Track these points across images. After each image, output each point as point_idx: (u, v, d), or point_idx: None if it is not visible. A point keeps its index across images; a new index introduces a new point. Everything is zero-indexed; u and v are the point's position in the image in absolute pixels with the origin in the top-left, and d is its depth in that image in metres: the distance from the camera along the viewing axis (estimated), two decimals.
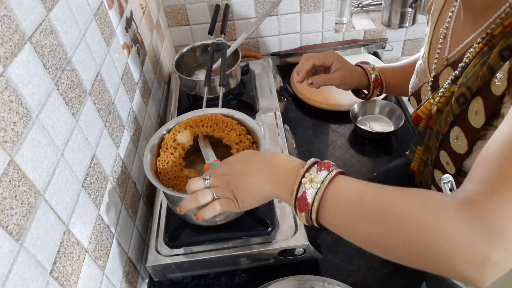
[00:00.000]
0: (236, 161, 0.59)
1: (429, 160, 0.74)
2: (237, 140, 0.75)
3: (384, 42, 1.33)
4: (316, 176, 0.50)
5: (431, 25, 0.75)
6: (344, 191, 0.49)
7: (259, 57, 1.29)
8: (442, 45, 0.71)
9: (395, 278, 0.74)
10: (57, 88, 0.54)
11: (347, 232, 0.49)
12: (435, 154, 0.70)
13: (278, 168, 0.54)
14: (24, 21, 0.48)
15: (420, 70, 0.77)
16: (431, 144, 0.72)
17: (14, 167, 0.43)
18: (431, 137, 0.72)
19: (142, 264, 0.79)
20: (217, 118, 0.77)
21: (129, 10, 0.90)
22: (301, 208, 0.51)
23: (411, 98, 0.79)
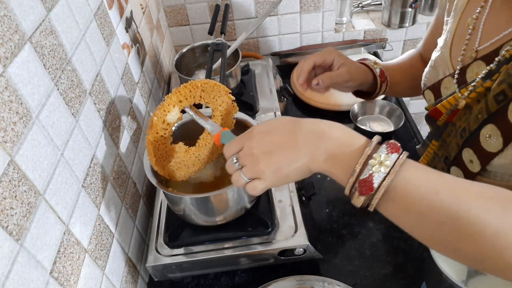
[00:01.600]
0: (271, 130, 0.51)
1: (444, 157, 0.72)
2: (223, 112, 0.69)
3: (384, 42, 1.33)
4: (387, 159, 0.43)
5: (455, 15, 0.70)
6: (415, 181, 0.43)
7: (259, 57, 1.29)
8: (471, 36, 0.66)
9: (395, 278, 0.74)
10: (57, 88, 0.54)
11: (409, 226, 0.45)
12: (455, 151, 0.67)
13: (334, 142, 0.47)
14: (24, 21, 0.48)
15: (440, 62, 0.72)
16: (451, 140, 0.69)
17: (14, 167, 0.43)
18: (452, 133, 0.68)
19: (142, 264, 0.79)
20: (205, 85, 0.66)
21: (129, 10, 0.90)
22: (363, 191, 0.44)
23: (426, 91, 0.75)
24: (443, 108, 0.69)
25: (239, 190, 0.70)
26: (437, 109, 0.70)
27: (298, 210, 0.75)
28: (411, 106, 1.65)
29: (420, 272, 0.74)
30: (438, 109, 0.70)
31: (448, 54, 0.70)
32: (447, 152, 0.71)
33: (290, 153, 0.48)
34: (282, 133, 0.49)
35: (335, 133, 0.48)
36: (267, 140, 0.50)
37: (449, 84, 0.69)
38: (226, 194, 0.69)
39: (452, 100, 0.66)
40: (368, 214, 0.85)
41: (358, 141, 0.47)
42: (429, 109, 0.73)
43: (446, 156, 0.71)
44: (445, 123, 0.71)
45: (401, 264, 0.76)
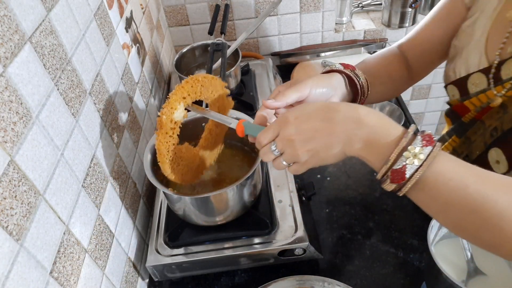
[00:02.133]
0: (308, 117, 0.51)
1: (464, 154, 0.70)
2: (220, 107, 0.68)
3: (384, 42, 1.34)
4: (421, 152, 0.45)
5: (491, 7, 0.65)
6: (446, 174, 0.45)
7: (259, 57, 1.29)
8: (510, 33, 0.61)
9: (395, 278, 0.74)
10: (57, 88, 0.54)
11: (434, 212, 0.48)
12: (480, 149, 0.65)
13: (371, 129, 0.48)
14: (24, 21, 0.48)
15: (472, 54, 0.68)
16: (476, 139, 0.67)
17: (14, 167, 0.43)
18: (480, 132, 0.66)
19: (142, 264, 0.79)
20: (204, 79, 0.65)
21: (129, 10, 0.90)
22: (395, 180, 0.46)
23: (450, 86, 0.71)
24: (471, 105, 0.67)
25: (239, 190, 0.70)
26: (464, 105, 0.67)
27: (298, 210, 0.75)
28: (411, 106, 1.65)
29: (420, 272, 0.74)
30: (465, 105, 0.67)
31: (484, 48, 0.65)
32: (469, 150, 0.69)
33: (328, 139, 0.50)
34: (320, 120, 0.50)
35: (372, 120, 0.49)
36: (305, 127, 0.50)
37: (478, 80, 0.65)
38: (226, 194, 0.69)
39: (483, 98, 0.64)
40: (368, 214, 0.85)
41: (394, 131, 0.48)
42: (453, 104, 0.70)
43: (467, 154, 0.69)
44: (471, 120, 0.68)
45: (401, 264, 0.76)
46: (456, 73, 0.70)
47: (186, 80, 0.64)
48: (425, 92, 1.60)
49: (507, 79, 0.61)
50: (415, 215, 0.84)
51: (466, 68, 0.68)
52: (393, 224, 0.83)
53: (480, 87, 0.65)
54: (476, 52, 0.66)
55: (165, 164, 0.64)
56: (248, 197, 0.73)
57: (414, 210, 0.85)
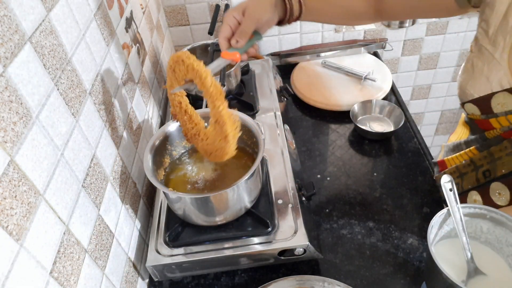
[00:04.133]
0: None
1: (484, 168, 0.69)
2: None
3: (384, 42, 1.33)
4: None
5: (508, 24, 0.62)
6: None
7: (259, 57, 1.29)
8: None
9: (395, 278, 0.74)
10: (57, 88, 0.54)
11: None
12: (507, 169, 0.65)
13: None
14: (24, 21, 0.48)
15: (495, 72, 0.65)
16: (501, 156, 0.66)
17: (14, 167, 0.43)
18: (505, 151, 0.65)
19: (142, 264, 0.79)
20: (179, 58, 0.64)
21: (129, 10, 0.90)
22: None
23: (468, 105, 0.70)
24: (497, 124, 0.66)
25: (239, 190, 0.70)
26: (489, 122, 0.67)
27: (298, 210, 0.75)
28: (411, 106, 1.65)
29: (420, 272, 0.74)
30: (490, 122, 0.66)
31: (507, 64, 0.63)
32: (491, 166, 0.68)
33: None
34: None
35: None
36: None
37: (506, 100, 0.64)
38: (226, 194, 0.69)
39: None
40: (368, 214, 0.85)
41: None
42: (475, 119, 0.69)
43: (488, 169, 0.68)
44: (496, 137, 0.68)
45: (401, 264, 0.76)
46: (475, 92, 0.68)
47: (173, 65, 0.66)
48: (425, 92, 1.61)
49: None
50: (415, 215, 0.84)
51: (489, 87, 0.66)
52: (393, 224, 0.83)
53: (508, 107, 0.64)
54: (498, 70, 0.65)
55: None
56: (248, 197, 0.73)
57: (414, 210, 0.85)
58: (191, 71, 0.62)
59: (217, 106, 0.61)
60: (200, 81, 0.61)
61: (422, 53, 1.46)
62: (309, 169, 0.97)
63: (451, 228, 0.69)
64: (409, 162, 0.96)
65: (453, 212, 0.65)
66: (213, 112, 0.63)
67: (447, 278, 0.57)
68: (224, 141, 0.64)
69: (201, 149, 0.72)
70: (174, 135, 0.81)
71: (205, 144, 0.70)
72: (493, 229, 0.67)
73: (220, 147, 0.66)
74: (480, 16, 0.68)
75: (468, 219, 0.68)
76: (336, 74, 1.24)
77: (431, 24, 1.37)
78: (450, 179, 0.68)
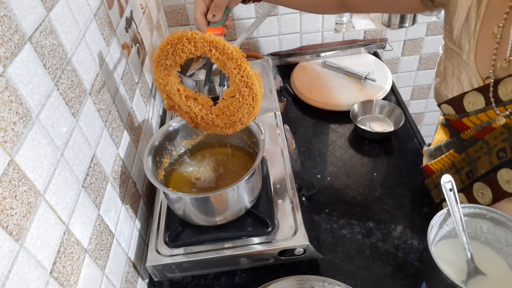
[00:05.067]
0: None
1: (466, 170, 0.70)
2: None
3: (384, 42, 1.33)
4: None
5: (475, 20, 0.64)
6: None
7: (259, 57, 1.29)
8: (499, 45, 0.61)
9: (395, 278, 0.74)
10: (57, 88, 0.54)
11: None
12: (486, 168, 0.66)
13: None
14: (24, 21, 0.48)
15: (464, 73, 0.67)
16: (479, 156, 0.67)
17: (14, 167, 0.43)
18: (482, 150, 0.66)
19: (142, 264, 0.79)
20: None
21: (129, 10, 0.90)
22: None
23: (444, 106, 0.72)
24: (470, 123, 0.67)
25: (239, 190, 0.70)
26: (462, 122, 0.68)
27: (298, 210, 0.75)
28: (411, 106, 1.65)
29: (420, 272, 0.74)
30: (463, 122, 0.67)
31: (474, 65, 0.66)
32: (472, 167, 0.69)
33: None
34: None
35: None
36: None
37: (475, 99, 0.65)
38: (226, 194, 0.69)
39: (483, 117, 0.64)
40: (368, 214, 0.85)
41: None
42: (450, 120, 0.70)
43: (471, 170, 0.69)
44: (471, 138, 0.69)
45: (401, 264, 0.76)
46: (449, 92, 0.71)
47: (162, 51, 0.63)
48: (425, 92, 1.61)
49: (507, 100, 0.61)
50: (415, 215, 0.84)
51: (460, 87, 0.68)
52: (393, 224, 0.83)
53: (478, 106, 0.65)
54: (467, 70, 0.67)
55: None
56: (248, 197, 0.73)
57: (414, 210, 0.85)
58: (202, 46, 0.60)
59: (243, 69, 0.59)
60: (217, 51, 0.59)
61: (422, 53, 1.46)
62: (309, 169, 0.97)
63: (451, 228, 0.69)
64: (409, 162, 0.96)
65: (453, 212, 0.65)
66: (239, 77, 0.60)
67: (447, 278, 0.57)
68: (253, 102, 0.63)
69: (217, 127, 0.69)
70: (174, 135, 0.81)
71: (224, 118, 0.67)
72: (493, 229, 0.67)
73: (247, 111, 0.64)
74: (444, 18, 0.69)
75: (468, 219, 0.68)
76: (336, 74, 1.24)
77: (431, 24, 1.37)
78: (450, 179, 0.68)
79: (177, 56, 0.62)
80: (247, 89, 0.62)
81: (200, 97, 0.69)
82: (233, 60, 0.59)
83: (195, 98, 0.69)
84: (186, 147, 0.84)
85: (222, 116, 0.68)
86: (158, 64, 0.65)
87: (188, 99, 0.69)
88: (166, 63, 0.64)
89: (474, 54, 0.65)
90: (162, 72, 0.65)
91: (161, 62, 0.64)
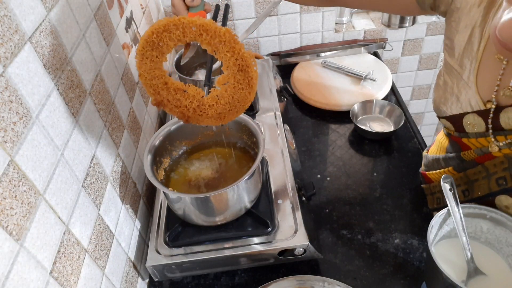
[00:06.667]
0: None
1: (461, 187, 0.70)
2: None
3: (384, 42, 1.33)
4: None
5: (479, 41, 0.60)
6: None
7: (259, 57, 1.29)
8: (504, 71, 0.58)
9: (395, 278, 0.74)
10: (57, 88, 0.54)
11: None
12: (484, 192, 0.65)
13: None
14: (24, 21, 0.48)
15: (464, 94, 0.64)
16: (477, 179, 0.66)
17: (14, 167, 0.43)
18: (481, 174, 0.66)
19: (142, 264, 0.79)
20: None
21: (129, 10, 0.90)
22: None
23: (443, 120, 0.70)
24: (470, 144, 0.66)
25: (239, 190, 0.70)
26: (462, 141, 0.67)
27: (298, 210, 0.75)
28: (411, 106, 1.65)
29: (420, 272, 0.74)
30: (463, 141, 0.67)
31: (475, 88, 0.63)
32: (469, 186, 0.69)
33: None
34: None
35: None
36: None
37: (475, 122, 0.63)
38: (226, 194, 0.69)
39: (483, 142, 0.63)
40: (368, 214, 0.85)
41: None
42: (451, 134, 0.69)
43: (467, 189, 0.69)
44: (472, 161, 0.68)
45: (401, 264, 0.76)
46: (448, 109, 0.69)
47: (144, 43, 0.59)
48: (425, 92, 1.61)
49: (508, 130, 0.59)
50: (415, 215, 0.84)
51: (460, 107, 0.66)
52: (393, 224, 0.83)
53: (477, 128, 0.64)
54: (466, 91, 0.64)
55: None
56: (248, 197, 0.73)
57: (414, 210, 0.85)
58: (191, 32, 0.56)
59: (237, 50, 0.56)
60: (208, 34, 0.55)
61: (422, 53, 1.46)
62: (309, 169, 0.97)
63: (451, 228, 0.69)
64: (409, 162, 0.96)
65: (453, 212, 0.65)
66: (233, 60, 0.57)
67: (447, 278, 0.57)
68: (249, 86, 0.59)
69: (210, 118, 0.65)
70: (174, 135, 0.81)
71: (219, 107, 0.63)
72: (493, 229, 0.67)
73: (243, 97, 0.61)
74: (445, 31, 0.66)
75: (468, 219, 0.68)
76: (336, 74, 1.24)
77: (431, 24, 1.37)
78: (450, 179, 0.68)
79: (164, 45, 0.57)
80: (242, 72, 0.58)
81: (190, 88, 0.65)
82: (226, 43, 0.55)
83: (185, 90, 0.65)
84: (186, 147, 0.84)
85: (216, 105, 0.63)
86: (143, 57, 0.59)
87: (177, 92, 0.64)
88: (152, 54, 0.59)
89: (475, 75, 0.62)
90: (147, 65, 0.60)
91: (146, 54, 0.59)
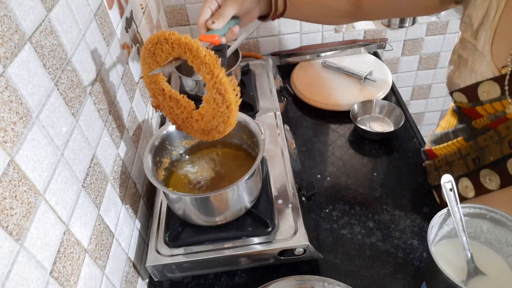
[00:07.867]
0: None
1: (471, 156, 0.70)
2: None
3: (384, 42, 1.33)
4: None
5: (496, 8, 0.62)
6: None
7: (259, 57, 1.29)
8: None
9: (395, 278, 0.74)
10: (57, 88, 0.54)
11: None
12: (496, 156, 0.66)
13: None
14: (24, 21, 0.48)
15: (478, 62, 0.67)
16: (488, 145, 0.67)
17: (14, 167, 0.43)
18: (493, 139, 0.66)
19: (142, 264, 0.79)
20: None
21: (129, 10, 0.90)
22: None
23: (457, 93, 0.71)
24: (483, 111, 0.67)
25: (239, 190, 0.70)
26: (475, 110, 0.67)
27: (298, 210, 0.75)
28: (411, 106, 1.65)
29: (420, 272, 0.74)
30: (476, 110, 0.67)
31: (490, 55, 0.65)
32: (479, 154, 0.69)
33: None
34: None
35: None
36: None
37: (490, 89, 0.65)
38: (226, 194, 0.69)
39: (498, 106, 0.64)
40: (368, 214, 0.85)
41: None
42: (462, 107, 0.70)
43: (478, 157, 0.70)
44: (484, 128, 0.68)
45: (401, 264, 0.76)
46: (462, 82, 0.70)
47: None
48: (425, 92, 1.61)
49: None
50: (415, 215, 0.84)
51: (474, 77, 0.68)
52: (393, 224, 0.83)
53: (493, 95, 0.65)
54: (481, 61, 0.66)
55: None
56: (248, 197, 0.73)
57: (414, 210, 0.85)
58: (178, 47, 0.58)
59: (216, 75, 0.57)
60: (191, 54, 0.57)
61: (422, 53, 1.46)
62: (309, 169, 0.97)
63: (451, 228, 0.69)
64: (409, 162, 0.96)
65: (453, 212, 0.65)
66: (212, 83, 0.58)
67: (447, 278, 0.57)
68: (228, 110, 0.60)
69: (197, 132, 0.68)
70: (174, 135, 0.81)
71: (202, 123, 0.65)
72: (493, 229, 0.67)
73: (222, 120, 0.62)
74: (463, 11, 0.69)
75: (468, 219, 0.68)
76: (336, 74, 1.24)
77: (431, 24, 1.37)
78: (450, 179, 0.68)
79: (157, 55, 0.61)
80: (220, 96, 0.59)
81: (183, 100, 0.67)
82: (206, 66, 0.57)
83: (178, 100, 0.67)
84: (186, 147, 0.84)
85: (201, 122, 0.65)
86: (144, 62, 0.64)
87: (171, 99, 0.67)
88: (150, 61, 0.63)
89: (490, 44, 0.64)
90: (147, 70, 0.64)
91: (146, 61, 0.63)
